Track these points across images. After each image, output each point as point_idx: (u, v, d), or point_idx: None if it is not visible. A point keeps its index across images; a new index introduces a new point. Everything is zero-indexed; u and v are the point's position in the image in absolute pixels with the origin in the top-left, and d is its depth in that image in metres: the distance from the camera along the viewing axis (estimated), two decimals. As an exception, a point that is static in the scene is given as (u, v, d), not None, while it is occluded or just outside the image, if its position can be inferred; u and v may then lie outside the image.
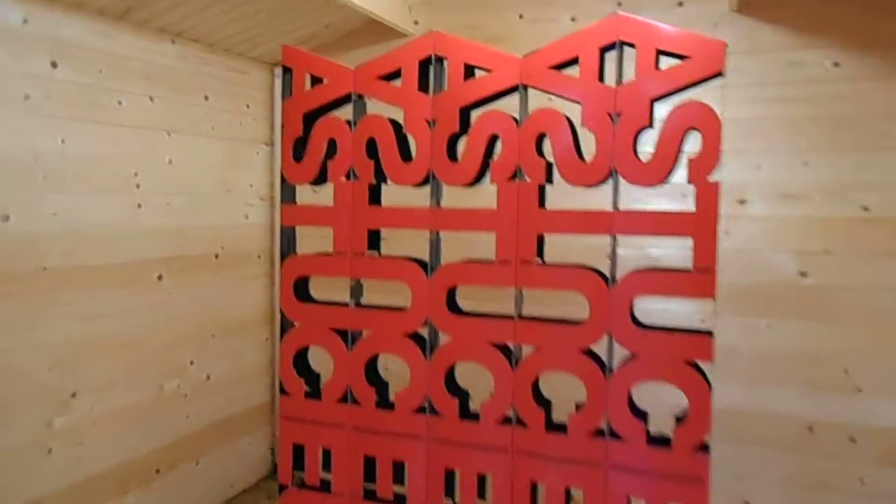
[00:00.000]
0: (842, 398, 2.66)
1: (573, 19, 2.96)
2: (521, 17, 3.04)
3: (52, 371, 2.43)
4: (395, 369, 2.19)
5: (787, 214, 2.70)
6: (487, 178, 1.95)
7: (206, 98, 3.10)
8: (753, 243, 2.74)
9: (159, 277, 2.87)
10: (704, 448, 1.74)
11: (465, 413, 2.01)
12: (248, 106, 3.35)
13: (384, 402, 2.10)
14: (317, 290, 2.22)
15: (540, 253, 1.93)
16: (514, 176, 1.90)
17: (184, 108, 2.97)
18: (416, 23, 3.23)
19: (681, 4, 2.80)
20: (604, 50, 1.81)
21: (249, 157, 3.38)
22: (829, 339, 2.66)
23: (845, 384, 2.66)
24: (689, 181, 1.72)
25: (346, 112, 2.10)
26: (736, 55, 2.72)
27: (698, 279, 1.71)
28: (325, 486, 2.17)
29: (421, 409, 2.03)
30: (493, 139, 1.93)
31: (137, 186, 2.76)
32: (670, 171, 1.75)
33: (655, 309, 2.72)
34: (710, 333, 1.74)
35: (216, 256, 3.20)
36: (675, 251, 2.77)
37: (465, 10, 3.13)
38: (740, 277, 2.76)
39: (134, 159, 2.73)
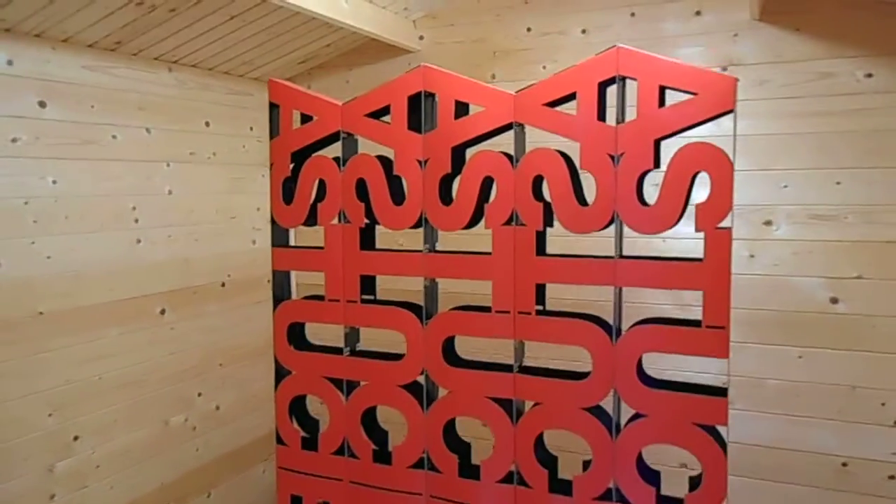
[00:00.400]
0: (879, 433, 2.48)
1: (584, 31, 2.80)
2: (528, 30, 2.89)
3: (53, 416, 2.39)
4: (397, 415, 2.08)
5: (816, 237, 2.51)
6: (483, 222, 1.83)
7: (207, 124, 3.02)
8: (781, 268, 2.57)
9: (162, 312, 2.81)
10: (720, 516, 1.61)
11: (466, 469, 1.90)
12: (251, 128, 3.26)
13: (382, 455, 2.00)
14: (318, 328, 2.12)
15: (541, 300, 1.80)
16: (509, 221, 1.77)
17: (183, 137, 2.89)
18: (420, 38, 3.10)
19: (698, 13, 2.62)
20: (603, 85, 1.66)
21: (254, 181, 3.30)
22: (864, 370, 2.48)
23: (882, 418, 2.48)
24: (698, 229, 1.57)
25: (337, 149, 2.00)
26: (759, 66, 2.54)
27: (710, 337, 1.57)
28: (324, 541, 2.09)
29: (419, 464, 1.93)
30: (488, 181, 1.80)
31: (136, 221, 2.70)
32: (678, 218, 1.60)
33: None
34: (724, 393, 1.59)
35: (223, 285, 3.14)
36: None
37: (470, 23, 2.99)
38: (767, 304, 2.59)
39: (131, 193, 2.67)
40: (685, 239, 2.58)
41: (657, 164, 1.63)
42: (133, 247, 2.69)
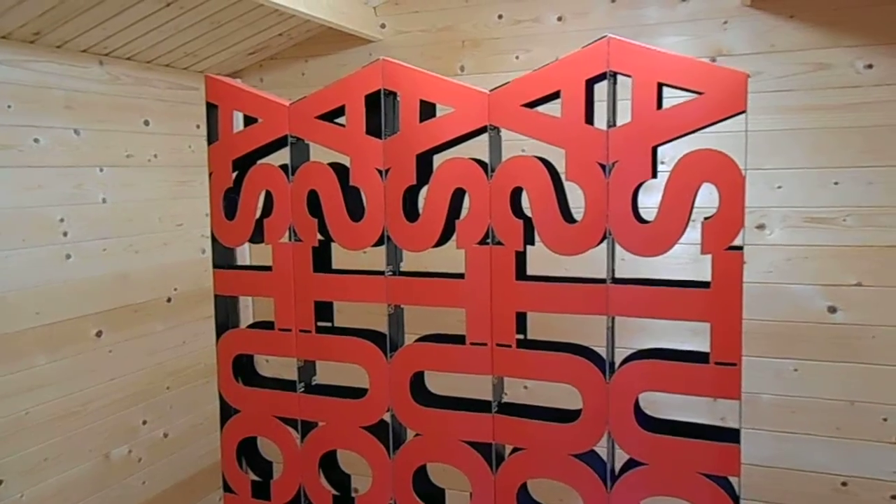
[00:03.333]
0: (880, 450, 2.32)
1: (560, 19, 2.56)
2: (500, 17, 2.64)
3: (-30, 460, 2.10)
4: (361, 459, 1.84)
5: (812, 242, 2.33)
6: (454, 240, 1.59)
7: (147, 123, 2.72)
8: (775, 275, 2.38)
9: (98, 334, 2.52)
10: (730, 577, 1.40)
11: (439, 517, 1.68)
12: (197, 126, 2.97)
13: (343, 499, 1.77)
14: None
15: (522, 328, 1.58)
16: (484, 239, 1.53)
17: (118, 138, 2.59)
18: (382, 26, 2.84)
19: (684, 0, 2.40)
20: (592, 82, 1.43)
21: (202, 184, 3.00)
22: (863, 384, 2.31)
23: (883, 434, 2.31)
24: (705, 251, 1.35)
25: (286, 156, 1.74)
26: (750, 57, 2.34)
27: (719, 376, 1.36)
28: None
29: (386, 516, 1.69)
30: (459, 193, 1.57)
31: (65, 234, 2.40)
32: (679, 236, 1.38)
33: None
34: (736, 437, 1.39)
35: (168, 300, 2.85)
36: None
37: (437, 10, 2.74)
38: (760, 314, 2.40)
39: (59, 204, 2.37)
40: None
41: (654, 175, 1.41)
42: (62, 263, 2.39)
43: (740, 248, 1.34)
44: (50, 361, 2.34)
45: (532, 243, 1.54)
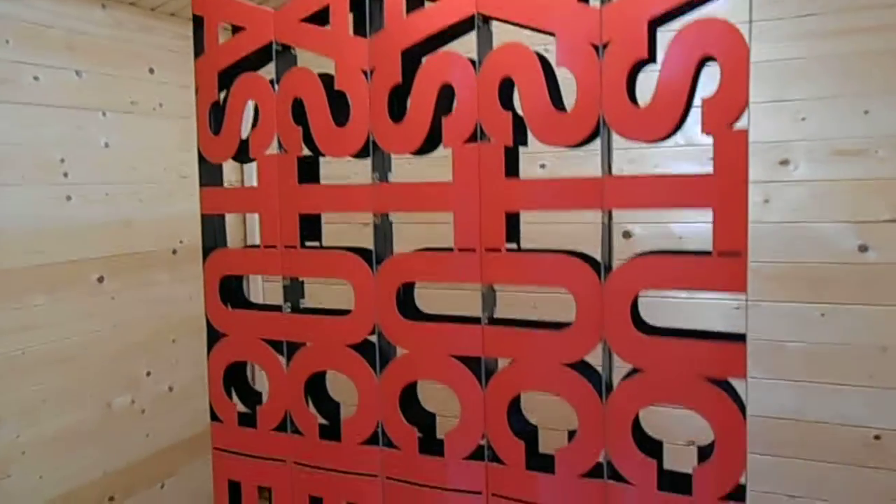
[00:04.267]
0: (916, 400, 2.15)
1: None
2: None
3: (-35, 395, 2.07)
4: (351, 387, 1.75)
5: (841, 176, 2.17)
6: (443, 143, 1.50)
7: (151, 71, 2.69)
8: (800, 213, 2.23)
9: (100, 279, 2.49)
10: (738, 495, 1.28)
11: (429, 444, 1.58)
12: (205, 79, 2.93)
13: (332, 430, 1.68)
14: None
15: (514, 237, 1.47)
16: (473, 137, 1.44)
17: (121, 83, 2.56)
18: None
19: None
20: (583, -42, 1.33)
21: (211, 138, 2.97)
22: (898, 328, 2.15)
23: (920, 383, 2.14)
24: (705, 131, 1.24)
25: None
26: (772, -19, 2.20)
27: (722, 266, 1.24)
28: (267, 532, 1.77)
29: (374, 439, 1.60)
30: (447, 90, 1.47)
31: (65, 175, 2.37)
32: (679, 120, 1.27)
33: (672, 300, 2.26)
34: (742, 338, 1.26)
35: (174, 252, 2.81)
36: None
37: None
38: (785, 256, 2.25)
39: (58, 144, 2.34)
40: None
41: (652, 56, 1.29)
42: (62, 204, 2.36)
43: (745, 129, 1.22)
44: (48, 302, 2.31)
45: (524, 142, 1.44)
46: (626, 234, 2.39)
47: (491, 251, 1.44)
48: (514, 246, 1.47)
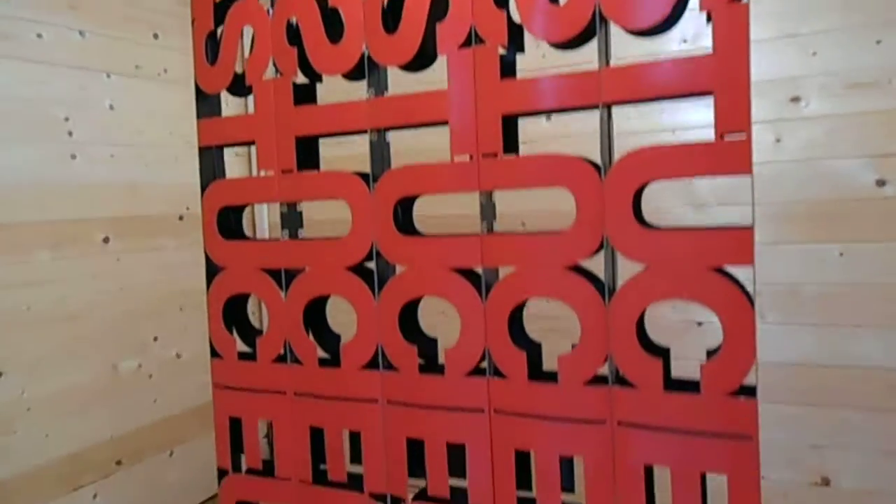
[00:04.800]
0: (942, 340, 2.07)
1: None
2: None
3: (-31, 347, 2.07)
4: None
5: (855, 109, 2.11)
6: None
7: (156, 36, 2.70)
8: (814, 150, 2.17)
9: (105, 240, 2.48)
10: (748, 392, 1.22)
11: (429, 365, 1.54)
12: (210, 48, 2.93)
13: (332, 361, 1.64)
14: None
15: (513, 146, 1.44)
16: (468, 41, 1.41)
17: (125, 47, 2.57)
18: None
19: None
20: None
21: (217, 107, 2.97)
22: (920, 265, 2.07)
23: (945, 322, 2.06)
24: (703, 7, 1.20)
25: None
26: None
27: (727, 150, 1.19)
28: (269, 470, 1.73)
29: (373, 364, 1.56)
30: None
31: (70, 134, 2.37)
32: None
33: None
34: (748, 228, 1.21)
35: (181, 218, 2.81)
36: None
37: None
38: (799, 196, 2.19)
39: (62, 102, 2.35)
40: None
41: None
42: (67, 163, 2.36)
43: (745, 4, 1.18)
44: (53, 259, 2.30)
45: (521, 48, 1.41)
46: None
47: (488, 156, 1.40)
48: (513, 155, 1.43)
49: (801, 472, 2.22)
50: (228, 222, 1.75)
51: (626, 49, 1.58)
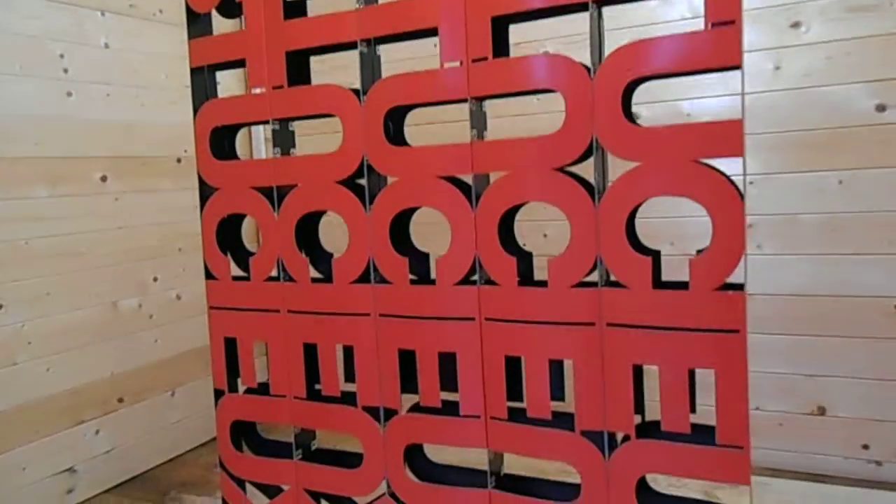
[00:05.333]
0: (941, 266, 2.06)
1: None
2: None
3: (-32, 277, 2.08)
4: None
5: (856, 33, 2.08)
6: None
7: (150, -25, 2.68)
8: (814, 78, 2.14)
9: (102, 178, 2.49)
10: (736, 286, 1.22)
11: (421, 278, 1.54)
12: (206, -10, 2.91)
13: (325, 277, 1.65)
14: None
15: (503, 50, 1.42)
16: (456, -57, 1.39)
17: (119, -16, 2.56)
18: None
19: None
20: None
21: (213, 50, 2.95)
22: (920, 191, 2.06)
23: (945, 248, 2.05)
24: None
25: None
26: None
27: (716, 39, 1.17)
28: (264, 389, 1.75)
29: (365, 278, 1.56)
30: None
31: (65, 71, 2.37)
32: None
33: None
34: (738, 120, 1.20)
35: (178, 161, 2.81)
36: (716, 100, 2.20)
37: None
38: (797, 124, 2.17)
39: (57, 39, 2.34)
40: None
41: None
42: (63, 99, 2.36)
43: None
44: (51, 196, 2.31)
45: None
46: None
47: (478, 61, 1.38)
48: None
49: (797, 402, 2.23)
50: (222, 145, 1.74)
51: None
